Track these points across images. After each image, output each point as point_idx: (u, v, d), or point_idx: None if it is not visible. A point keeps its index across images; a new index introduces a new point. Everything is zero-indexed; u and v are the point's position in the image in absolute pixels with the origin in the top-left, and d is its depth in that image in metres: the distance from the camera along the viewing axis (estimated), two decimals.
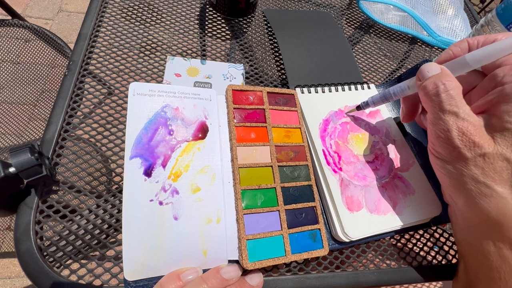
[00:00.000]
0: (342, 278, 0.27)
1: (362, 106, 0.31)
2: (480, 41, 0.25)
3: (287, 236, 0.25)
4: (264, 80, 0.38)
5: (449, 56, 0.26)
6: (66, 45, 0.75)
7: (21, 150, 0.23)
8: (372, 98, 0.30)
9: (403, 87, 0.27)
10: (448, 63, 0.24)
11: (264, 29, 0.44)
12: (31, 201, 0.25)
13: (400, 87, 0.27)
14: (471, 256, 0.25)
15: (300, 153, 0.29)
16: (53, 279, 0.23)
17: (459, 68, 0.23)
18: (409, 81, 0.27)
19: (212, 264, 0.23)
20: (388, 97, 0.28)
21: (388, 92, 0.28)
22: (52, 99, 0.78)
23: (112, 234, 0.26)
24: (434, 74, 0.23)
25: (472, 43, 0.25)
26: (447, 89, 0.22)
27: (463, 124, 0.21)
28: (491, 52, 0.22)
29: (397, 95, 0.28)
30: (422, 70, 0.24)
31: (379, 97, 0.29)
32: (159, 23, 0.40)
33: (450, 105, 0.22)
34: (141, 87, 0.26)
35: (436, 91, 0.22)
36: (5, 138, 0.70)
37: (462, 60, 0.23)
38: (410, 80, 0.26)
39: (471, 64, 0.23)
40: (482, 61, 0.22)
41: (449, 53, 0.26)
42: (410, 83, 0.26)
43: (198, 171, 0.25)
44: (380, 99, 0.29)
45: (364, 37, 0.49)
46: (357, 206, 0.27)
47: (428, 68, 0.24)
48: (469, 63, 0.23)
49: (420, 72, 0.24)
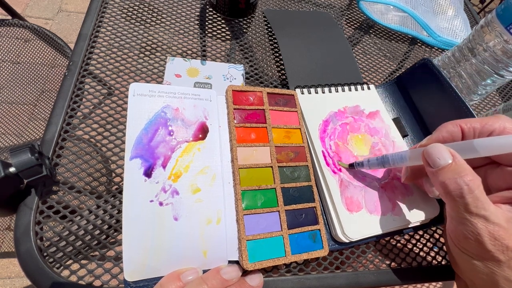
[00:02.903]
0: (342, 279, 0.27)
1: (356, 165, 0.29)
2: (476, 128, 0.24)
3: (287, 236, 0.25)
4: (264, 80, 0.38)
5: (441, 139, 0.25)
6: (66, 45, 0.75)
7: (21, 150, 0.23)
8: (369, 162, 0.28)
9: (403, 158, 0.26)
10: (454, 145, 0.23)
11: (264, 29, 0.44)
12: (31, 202, 0.25)
13: (400, 157, 0.26)
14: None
15: (300, 154, 0.29)
16: (53, 279, 0.23)
17: (466, 154, 0.22)
18: (411, 153, 0.25)
19: (212, 265, 0.23)
20: (386, 164, 0.27)
21: (386, 159, 0.27)
22: (52, 99, 0.78)
23: (112, 235, 0.26)
24: (447, 163, 0.22)
25: (468, 130, 0.24)
26: (472, 191, 0.21)
27: (494, 229, 0.21)
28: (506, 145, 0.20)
29: (395, 164, 0.26)
30: (431, 155, 0.23)
31: (376, 162, 0.27)
32: (159, 23, 0.40)
33: (477, 207, 0.21)
34: (141, 88, 0.26)
35: (459, 192, 0.21)
36: (5, 138, 0.70)
37: (470, 146, 0.22)
38: (412, 152, 0.25)
39: (480, 152, 0.21)
40: (493, 151, 0.21)
41: (440, 136, 0.25)
42: (412, 155, 0.25)
43: (198, 171, 0.25)
44: (377, 164, 0.27)
45: (364, 38, 0.49)
46: (357, 207, 0.27)
47: (438, 154, 0.22)
48: (478, 150, 0.21)
49: (429, 157, 0.23)
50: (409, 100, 0.37)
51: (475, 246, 0.22)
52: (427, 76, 0.34)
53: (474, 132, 0.24)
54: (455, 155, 0.22)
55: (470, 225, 0.21)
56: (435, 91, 0.34)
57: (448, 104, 0.32)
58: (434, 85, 0.34)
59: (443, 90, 0.33)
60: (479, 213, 0.21)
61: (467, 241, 0.22)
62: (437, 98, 0.34)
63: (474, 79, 0.36)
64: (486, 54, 0.34)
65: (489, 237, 0.21)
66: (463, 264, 0.24)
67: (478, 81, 0.36)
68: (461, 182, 0.21)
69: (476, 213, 0.21)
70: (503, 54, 0.32)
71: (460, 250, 0.24)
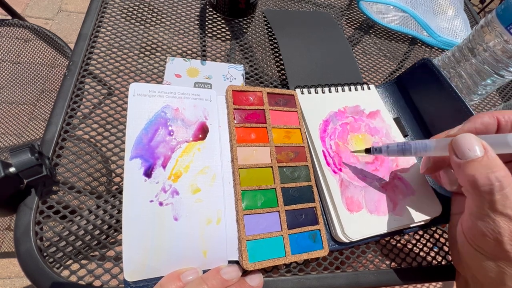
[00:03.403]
0: (342, 279, 0.27)
1: (373, 151, 0.27)
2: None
3: (287, 236, 0.25)
4: (264, 80, 0.38)
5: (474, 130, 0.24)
6: (66, 45, 0.75)
7: (21, 150, 0.23)
8: (388, 148, 0.26)
9: (428, 147, 0.24)
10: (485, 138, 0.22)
11: (264, 29, 0.44)
12: (31, 202, 0.25)
13: (425, 146, 0.24)
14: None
15: (300, 154, 0.29)
16: (53, 279, 0.23)
17: (498, 148, 0.21)
18: (437, 142, 0.24)
19: (212, 265, 0.23)
20: (406, 152, 0.25)
21: (408, 146, 0.25)
22: (52, 99, 0.78)
23: (112, 235, 0.26)
24: (478, 156, 0.21)
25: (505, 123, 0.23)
26: (503, 188, 0.20)
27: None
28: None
29: (417, 153, 0.25)
30: (461, 145, 0.21)
31: (397, 149, 0.26)
32: (159, 23, 0.40)
33: (504, 206, 0.20)
34: (141, 88, 0.26)
35: (489, 188, 0.20)
36: (5, 138, 0.70)
37: (503, 140, 0.21)
38: (438, 142, 0.24)
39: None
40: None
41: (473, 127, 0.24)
42: (438, 144, 0.23)
43: (198, 171, 0.25)
44: (397, 151, 0.26)
45: (364, 38, 0.49)
46: (357, 206, 0.27)
47: (469, 145, 0.21)
48: None
49: (458, 147, 0.21)
50: (409, 100, 0.37)
51: (492, 245, 0.21)
52: (427, 76, 0.34)
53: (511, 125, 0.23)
54: (488, 148, 0.21)
55: (492, 223, 0.20)
56: (435, 91, 0.34)
57: (448, 104, 0.32)
58: (434, 85, 0.34)
59: (443, 90, 0.33)
60: (504, 212, 0.20)
61: (483, 239, 0.22)
62: (437, 98, 0.34)
63: (474, 79, 0.36)
64: (486, 54, 0.34)
65: (509, 236, 0.20)
66: (471, 261, 0.24)
67: (478, 81, 0.36)
68: (493, 177, 0.20)
69: (501, 211, 0.20)
70: (503, 54, 0.32)
71: (473, 247, 0.23)
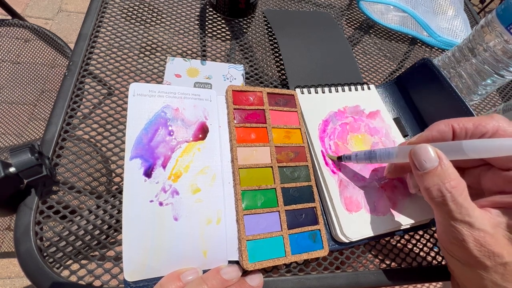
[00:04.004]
0: (342, 279, 0.27)
1: (344, 158, 0.28)
2: (468, 129, 0.23)
3: (287, 236, 0.25)
4: (264, 80, 0.38)
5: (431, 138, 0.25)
6: (66, 45, 0.75)
7: (21, 150, 0.23)
8: (357, 156, 0.28)
9: (391, 155, 0.25)
10: (442, 146, 0.22)
11: (264, 29, 0.44)
12: (31, 202, 0.25)
13: (388, 153, 0.26)
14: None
15: (300, 154, 0.29)
16: (53, 279, 0.23)
17: (453, 155, 0.21)
18: (399, 150, 0.25)
19: (212, 265, 0.23)
20: (372, 159, 0.27)
21: (374, 154, 0.27)
22: (52, 99, 0.78)
23: (112, 235, 0.26)
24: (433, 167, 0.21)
25: (459, 131, 0.23)
26: (454, 198, 0.20)
27: (480, 235, 0.20)
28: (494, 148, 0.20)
29: (382, 159, 0.26)
30: (418, 157, 0.22)
31: (364, 157, 0.27)
32: (159, 23, 0.40)
33: (461, 214, 0.21)
34: (141, 88, 0.26)
35: (442, 199, 0.21)
36: (5, 138, 0.70)
37: (458, 147, 0.21)
38: (400, 150, 0.25)
39: (468, 154, 0.21)
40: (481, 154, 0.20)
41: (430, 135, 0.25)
42: (400, 152, 0.25)
43: (198, 171, 0.25)
44: (364, 158, 0.27)
45: (364, 38, 0.49)
46: (356, 206, 0.27)
47: (425, 156, 0.22)
48: (466, 153, 0.21)
49: (415, 158, 0.22)
50: (409, 100, 0.37)
51: (462, 252, 0.22)
52: (427, 76, 0.34)
53: (466, 133, 0.23)
54: (442, 157, 0.21)
55: (456, 231, 0.21)
56: (435, 91, 0.34)
57: (448, 104, 0.32)
58: (434, 85, 0.34)
59: (443, 90, 0.33)
60: (464, 220, 0.21)
61: (453, 247, 0.22)
62: (437, 98, 0.34)
63: (474, 79, 0.36)
64: (486, 54, 0.34)
65: (474, 243, 0.21)
66: (453, 267, 0.25)
67: (478, 81, 0.36)
68: (444, 189, 0.21)
69: (460, 220, 0.21)
70: (503, 54, 0.32)
71: (448, 254, 0.24)
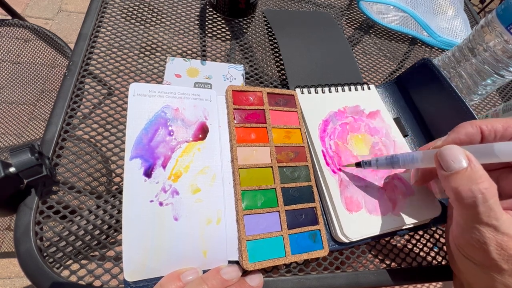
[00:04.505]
0: (342, 279, 0.27)
1: (363, 164, 0.27)
2: (498, 131, 0.22)
3: (287, 236, 0.25)
4: (264, 80, 0.38)
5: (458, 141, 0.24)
6: (66, 45, 0.75)
7: (21, 150, 0.23)
8: (378, 161, 0.26)
9: (415, 159, 0.24)
10: (472, 148, 0.21)
11: (264, 29, 0.44)
12: (31, 202, 0.25)
13: (412, 158, 0.24)
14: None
15: (300, 154, 0.29)
16: (53, 279, 0.23)
17: (485, 158, 0.21)
18: (423, 154, 0.23)
19: (212, 265, 0.23)
20: (395, 164, 0.25)
21: (396, 159, 0.25)
22: (52, 99, 0.78)
23: (112, 235, 0.26)
24: (462, 167, 0.20)
25: (488, 133, 0.23)
26: (486, 200, 0.20)
27: (503, 239, 0.20)
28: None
29: (406, 165, 0.25)
30: (445, 157, 0.21)
31: (385, 162, 0.26)
32: (159, 23, 0.40)
33: (489, 217, 0.20)
34: (141, 88, 0.26)
35: (473, 201, 0.20)
36: (5, 138, 0.70)
37: (489, 150, 0.20)
38: (425, 154, 0.23)
39: (501, 157, 0.20)
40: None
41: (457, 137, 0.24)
42: (425, 156, 0.23)
43: (198, 171, 0.25)
44: (386, 164, 0.26)
45: (364, 38, 0.49)
46: (356, 206, 0.27)
47: (453, 157, 0.21)
48: (498, 156, 0.20)
49: (442, 159, 0.21)
50: (409, 100, 0.37)
51: (480, 254, 0.21)
52: (427, 76, 0.34)
53: (495, 135, 0.22)
54: (472, 159, 0.20)
55: (478, 234, 0.21)
56: (435, 91, 0.34)
57: (448, 104, 0.32)
58: (434, 85, 0.34)
59: (443, 90, 0.33)
60: (490, 223, 0.20)
61: (471, 248, 0.22)
62: (437, 98, 0.34)
63: (474, 79, 0.36)
64: (486, 54, 0.34)
65: (495, 246, 0.20)
66: (463, 267, 0.24)
67: (478, 81, 0.36)
68: (476, 190, 0.20)
69: (486, 222, 0.20)
70: (503, 54, 0.32)
71: (463, 255, 0.23)
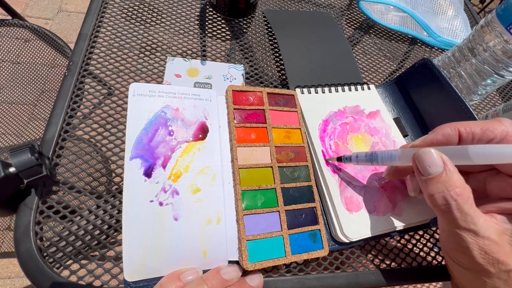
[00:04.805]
0: (342, 279, 0.27)
1: (344, 159, 0.28)
2: (475, 134, 0.22)
3: (287, 236, 0.25)
4: (264, 80, 0.38)
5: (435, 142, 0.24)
6: (66, 45, 0.75)
7: (21, 150, 0.23)
8: (357, 157, 0.27)
9: (393, 157, 0.25)
10: (447, 150, 0.21)
11: (264, 29, 0.44)
12: (31, 202, 0.25)
13: (390, 155, 0.25)
14: None
15: (300, 154, 0.29)
16: (53, 279, 0.23)
17: (459, 160, 0.21)
18: (401, 153, 0.24)
19: (212, 265, 0.23)
20: (374, 161, 0.26)
21: (375, 156, 0.26)
22: (52, 99, 0.78)
23: (112, 235, 0.26)
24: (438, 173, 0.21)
25: (466, 135, 0.23)
26: (459, 206, 0.20)
27: (484, 243, 0.20)
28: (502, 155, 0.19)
29: (384, 162, 0.25)
30: (422, 162, 0.21)
31: (365, 158, 0.27)
32: (159, 23, 0.40)
33: (466, 221, 0.20)
34: (141, 88, 0.26)
35: (447, 207, 0.20)
36: (5, 138, 0.70)
37: (463, 152, 0.20)
38: (403, 152, 0.24)
39: (474, 160, 0.20)
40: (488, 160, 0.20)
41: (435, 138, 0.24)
42: (403, 155, 0.24)
43: (198, 171, 0.25)
44: (365, 160, 0.27)
45: (364, 38, 0.49)
46: (356, 206, 0.27)
47: (429, 161, 0.21)
48: (472, 158, 0.20)
49: (420, 162, 0.22)
50: (409, 100, 0.37)
51: (465, 258, 0.22)
52: (427, 76, 0.34)
53: (473, 137, 0.23)
54: (447, 163, 0.21)
55: (459, 239, 0.21)
56: (435, 91, 0.34)
57: (448, 104, 0.32)
58: (434, 85, 0.34)
59: (443, 90, 0.33)
60: (468, 227, 0.20)
61: (457, 253, 0.22)
62: (437, 98, 0.34)
63: (474, 79, 0.36)
64: (486, 54, 0.34)
65: (479, 251, 0.20)
66: (455, 271, 0.24)
67: (478, 81, 0.36)
68: (448, 196, 0.20)
69: (465, 227, 0.20)
70: (503, 54, 0.32)
71: (451, 259, 0.23)
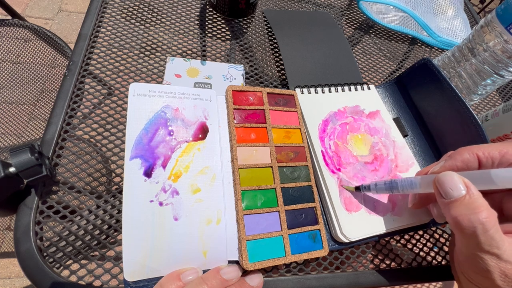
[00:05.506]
0: (342, 279, 0.27)
1: (362, 189, 0.27)
2: (494, 158, 0.22)
3: (287, 236, 0.25)
4: (264, 80, 0.38)
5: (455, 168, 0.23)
6: (66, 45, 0.75)
7: (21, 150, 0.23)
8: (376, 186, 0.26)
9: (414, 184, 0.24)
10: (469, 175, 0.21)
11: (264, 29, 0.44)
12: (31, 202, 0.25)
13: (410, 183, 0.24)
14: None
15: (300, 154, 0.29)
16: (53, 279, 0.23)
17: (482, 185, 0.20)
18: (422, 180, 0.24)
19: (212, 265, 0.23)
20: (394, 189, 0.25)
21: (395, 184, 0.25)
22: (52, 99, 0.78)
23: (112, 235, 0.26)
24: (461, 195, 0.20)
25: (485, 160, 0.22)
26: (486, 230, 0.19)
27: (506, 267, 0.19)
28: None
29: (405, 190, 0.25)
30: (443, 184, 0.21)
31: (384, 187, 0.26)
32: (159, 23, 0.40)
33: (490, 246, 0.19)
34: (141, 88, 0.26)
35: (473, 231, 0.20)
36: (5, 138, 0.70)
37: (487, 176, 0.20)
38: (423, 179, 0.23)
39: (498, 184, 0.20)
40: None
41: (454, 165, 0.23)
42: (423, 182, 0.23)
43: (198, 171, 0.25)
44: (385, 189, 0.26)
45: (364, 38, 0.49)
46: (356, 206, 0.27)
47: (451, 184, 0.21)
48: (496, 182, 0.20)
49: (441, 186, 0.21)
50: (409, 100, 0.37)
51: (484, 281, 0.21)
52: (427, 76, 0.34)
53: (492, 162, 0.22)
54: (470, 186, 0.20)
55: (481, 262, 0.20)
56: (435, 91, 0.34)
57: (448, 104, 0.32)
58: (434, 85, 0.34)
59: (443, 90, 0.33)
60: (491, 251, 0.20)
61: (476, 275, 0.22)
62: (437, 98, 0.34)
63: (474, 79, 0.36)
64: (486, 54, 0.34)
65: (499, 274, 0.20)
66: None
67: (478, 81, 0.36)
68: (475, 220, 0.19)
69: (488, 251, 0.20)
70: (503, 54, 0.32)
71: (467, 279, 0.23)
